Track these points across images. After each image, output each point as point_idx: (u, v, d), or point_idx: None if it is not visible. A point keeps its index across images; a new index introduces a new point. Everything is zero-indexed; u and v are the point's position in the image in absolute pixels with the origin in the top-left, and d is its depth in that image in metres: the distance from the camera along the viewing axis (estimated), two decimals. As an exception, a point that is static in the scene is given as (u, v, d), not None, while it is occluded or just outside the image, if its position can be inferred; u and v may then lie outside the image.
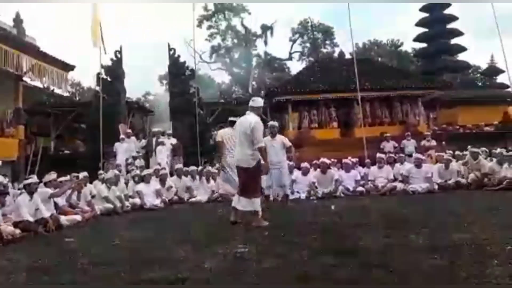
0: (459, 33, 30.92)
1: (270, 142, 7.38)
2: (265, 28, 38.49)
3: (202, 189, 9.99)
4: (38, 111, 17.82)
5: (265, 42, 39.24)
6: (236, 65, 40.12)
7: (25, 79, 12.24)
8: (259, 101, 5.74)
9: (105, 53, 14.80)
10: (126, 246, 4.52)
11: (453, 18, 30.96)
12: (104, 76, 15.93)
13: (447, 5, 30.30)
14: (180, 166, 10.97)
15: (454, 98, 22.14)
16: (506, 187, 8.38)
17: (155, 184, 9.34)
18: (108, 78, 16.15)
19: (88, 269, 3.54)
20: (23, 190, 6.34)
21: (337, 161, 10.51)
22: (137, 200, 8.85)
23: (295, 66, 41.89)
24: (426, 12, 31.24)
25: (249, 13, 38.21)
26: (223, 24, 39.28)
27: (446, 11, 30.65)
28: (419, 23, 31.97)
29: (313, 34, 41.96)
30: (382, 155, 10.73)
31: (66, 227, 6.36)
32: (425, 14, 31.33)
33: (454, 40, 31.20)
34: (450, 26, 30.98)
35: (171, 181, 9.94)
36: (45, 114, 18.48)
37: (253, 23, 48.58)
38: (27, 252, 4.47)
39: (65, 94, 21.20)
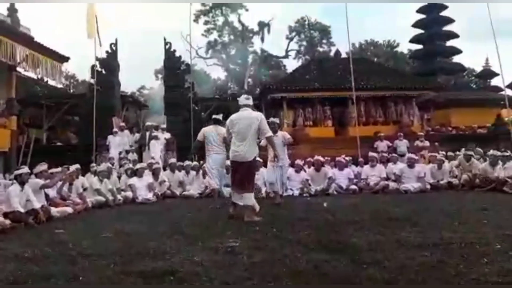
0: (455, 35, 31.05)
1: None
2: (262, 25, 38.44)
3: (195, 184, 9.97)
4: (31, 102, 17.66)
5: (262, 39, 39.22)
6: (232, 61, 40.03)
7: (18, 69, 12.10)
8: (251, 98, 5.97)
9: (100, 45, 14.76)
10: (117, 239, 4.50)
11: (449, 21, 31.05)
12: (99, 69, 15.85)
13: (444, 7, 30.40)
14: (173, 160, 10.95)
15: (448, 100, 22.24)
16: (497, 188, 8.48)
17: (148, 178, 9.30)
18: (103, 71, 16.06)
19: (79, 260, 3.51)
20: (14, 181, 6.28)
21: (330, 159, 10.55)
22: (129, 193, 8.81)
23: (291, 64, 41.96)
24: (423, 13, 31.32)
25: (247, 10, 38.18)
26: (220, 19, 39.21)
27: (443, 13, 30.75)
28: (416, 25, 32.05)
29: (310, 33, 41.97)
30: (375, 154, 10.80)
31: (57, 218, 6.31)
32: (422, 16, 31.41)
33: (449, 42, 31.32)
34: (446, 28, 31.09)
35: (164, 175, 9.91)
36: (38, 105, 18.31)
37: (250, 20, 48.54)
38: (17, 243, 4.43)
39: (59, 85, 21.02)
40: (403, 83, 18.46)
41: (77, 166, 8.23)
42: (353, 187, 9.64)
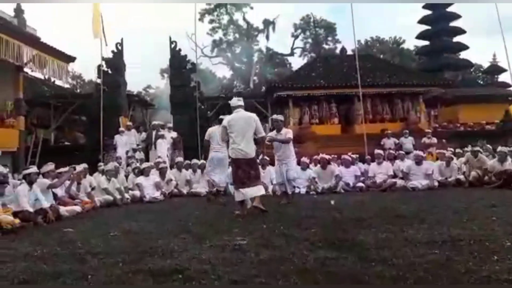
0: (462, 31, 30.78)
1: (275, 137, 7.37)
2: (267, 23, 38.38)
3: (202, 182, 9.99)
4: (39, 103, 17.78)
5: (267, 37, 39.19)
6: (237, 60, 40.05)
7: (25, 70, 12.19)
8: (242, 99, 6.33)
9: (106, 45, 14.79)
10: (125, 237, 4.52)
11: (456, 16, 30.79)
12: (105, 68, 15.90)
13: (450, 3, 30.14)
14: (180, 159, 10.98)
15: (456, 96, 22.09)
16: (506, 184, 8.40)
17: (154, 177, 9.34)
18: (109, 71, 16.11)
19: (87, 259, 3.53)
20: (23, 181, 6.34)
21: (337, 157, 10.51)
22: (136, 192, 8.86)
23: (297, 62, 41.77)
24: (429, 9, 31.07)
25: (251, 8, 38.14)
26: (225, 18, 39.26)
27: (449, 9, 30.49)
28: (422, 21, 31.82)
29: (315, 30, 41.84)
30: (381, 151, 10.71)
31: (66, 218, 6.37)
32: (428, 12, 31.17)
33: (456, 38, 31.05)
34: (453, 24, 30.82)
35: (171, 174, 9.95)
36: (45, 105, 18.45)
37: (255, 18, 48.38)
38: (26, 242, 4.46)
39: (66, 85, 21.17)
40: (410, 80, 18.31)
41: (85, 165, 8.28)
42: (360, 184, 9.60)
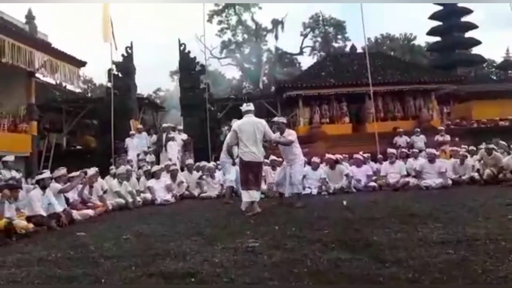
0: (474, 26, 30.36)
1: (278, 139, 7.29)
2: (276, 22, 38.29)
3: (213, 184, 9.98)
4: (51, 107, 17.98)
5: (276, 37, 39.05)
6: (246, 61, 40.02)
7: (37, 75, 12.35)
8: (252, 105, 6.57)
9: (116, 49, 14.92)
10: (138, 240, 4.54)
11: (468, 11, 30.41)
12: (115, 72, 16.03)
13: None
14: (191, 161, 11.00)
15: (468, 93, 21.75)
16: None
17: (166, 179, 9.37)
18: (119, 74, 16.25)
19: (100, 262, 3.55)
20: (36, 185, 6.41)
21: (349, 157, 10.41)
22: (148, 195, 8.90)
23: (306, 61, 41.53)
24: (440, 5, 30.72)
25: (260, 8, 38.10)
26: (234, 19, 39.24)
27: (460, 4, 30.11)
28: (433, 17, 31.48)
29: (325, 29, 41.60)
30: (393, 150, 10.56)
31: (79, 221, 6.42)
32: (439, 7, 30.82)
33: (468, 34, 30.66)
34: (465, 19, 30.43)
35: (182, 176, 9.97)
36: (57, 110, 18.64)
37: (264, 18, 48.36)
38: (40, 246, 4.51)
39: (77, 90, 21.41)
40: (421, 77, 18.09)
41: (96, 169, 8.35)
42: (372, 184, 9.50)
